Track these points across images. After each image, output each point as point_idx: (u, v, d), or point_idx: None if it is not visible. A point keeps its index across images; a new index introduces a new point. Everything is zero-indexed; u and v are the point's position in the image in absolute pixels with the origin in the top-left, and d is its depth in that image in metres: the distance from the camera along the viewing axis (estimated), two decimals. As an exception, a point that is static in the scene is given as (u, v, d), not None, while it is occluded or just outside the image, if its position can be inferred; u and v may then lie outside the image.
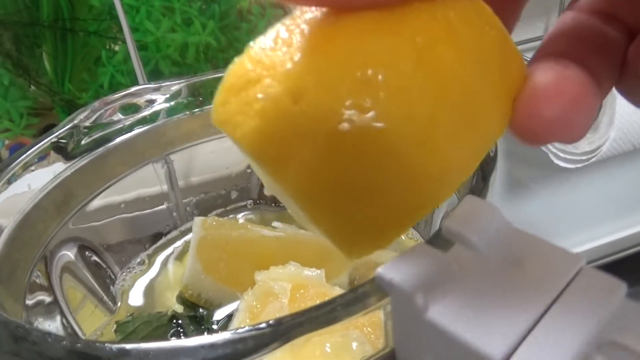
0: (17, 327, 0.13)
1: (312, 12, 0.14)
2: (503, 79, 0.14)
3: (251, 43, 0.14)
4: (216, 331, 0.25)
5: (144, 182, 0.31)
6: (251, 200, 0.34)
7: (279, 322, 0.13)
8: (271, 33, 0.14)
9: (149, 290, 0.28)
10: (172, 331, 0.26)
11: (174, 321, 0.26)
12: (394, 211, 0.13)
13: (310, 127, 0.12)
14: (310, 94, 0.12)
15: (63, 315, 0.24)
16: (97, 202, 0.27)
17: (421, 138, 0.12)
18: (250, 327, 0.13)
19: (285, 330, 0.13)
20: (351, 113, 0.12)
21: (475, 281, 0.13)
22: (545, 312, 0.12)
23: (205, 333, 0.25)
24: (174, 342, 0.12)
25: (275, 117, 0.12)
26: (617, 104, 0.46)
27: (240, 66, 0.14)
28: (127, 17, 0.42)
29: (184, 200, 0.32)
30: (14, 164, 0.23)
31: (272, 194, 0.16)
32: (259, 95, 0.13)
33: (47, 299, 0.23)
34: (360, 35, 0.12)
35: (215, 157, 0.32)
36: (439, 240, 0.14)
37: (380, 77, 0.12)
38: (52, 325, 0.23)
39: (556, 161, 0.50)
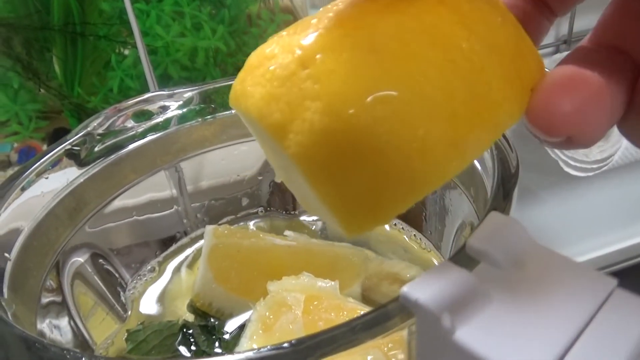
0: (36, 342, 0.13)
1: (332, 9, 0.14)
2: (518, 69, 0.14)
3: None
4: (228, 342, 0.25)
5: (155, 188, 0.30)
6: (262, 208, 0.33)
7: (301, 342, 0.13)
8: (291, 25, 0.14)
9: (160, 299, 0.28)
10: (182, 341, 0.25)
11: (185, 330, 0.26)
12: (394, 181, 0.13)
13: (316, 89, 0.12)
14: (318, 61, 0.13)
15: (74, 322, 0.24)
16: (109, 209, 0.27)
17: (428, 108, 0.12)
18: (272, 347, 0.12)
19: (307, 350, 0.13)
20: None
21: (504, 302, 0.12)
22: (579, 335, 0.11)
23: (217, 343, 0.25)
24: (195, 362, 0.12)
25: (283, 81, 0.13)
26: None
27: (259, 50, 0.14)
28: (137, 22, 0.42)
29: (193, 206, 0.32)
30: (27, 171, 0.22)
31: (282, 181, 0.16)
32: (271, 67, 0.13)
33: (59, 306, 0.23)
34: (370, 14, 0.13)
35: (226, 163, 0.32)
36: (463, 259, 0.14)
37: (386, 46, 0.12)
38: (63, 332, 0.23)
39: (567, 169, 0.50)
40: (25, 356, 0.13)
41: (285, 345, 0.12)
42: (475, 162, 0.22)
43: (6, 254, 0.19)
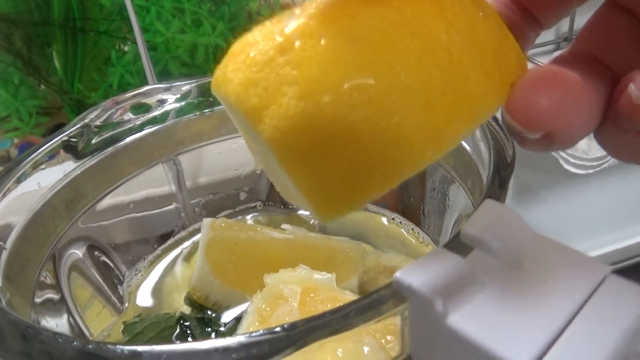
0: (28, 327, 0.13)
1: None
2: (498, 64, 0.14)
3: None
4: (224, 334, 0.25)
5: (153, 182, 0.30)
6: (260, 202, 0.33)
7: (294, 326, 0.13)
8: (277, 15, 0.15)
9: (157, 291, 0.28)
10: (179, 333, 0.25)
11: (182, 323, 0.26)
12: (369, 169, 0.13)
13: (294, 75, 0.12)
14: (297, 47, 0.13)
15: (70, 314, 0.24)
16: (106, 202, 0.27)
17: (404, 97, 0.12)
18: (264, 331, 0.12)
19: (300, 335, 0.13)
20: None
21: (497, 288, 0.12)
22: (571, 320, 0.11)
23: (213, 335, 0.25)
24: (187, 345, 0.12)
25: (262, 67, 0.13)
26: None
27: (242, 38, 0.15)
28: (137, 18, 0.42)
29: (192, 201, 0.32)
30: (24, 162, 0.22)
31: (264, 170, 0.16)
32: (251, 54, 0.13)
33: (55, 297, 0.23)
34: (352, 5, 0.13)
35: (224, 157, 0.32)
36: (457, 245, 0.14)
37: (365, 36, 0.13)
38: (60, 324, 0.23)
39: (566, 166, 0.50)
40: (18, 341, 0.13)
41: (278, 329, 0.12)
42: (472, 153, 0.21)
43: (1, 243, 0.19)
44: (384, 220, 0.31)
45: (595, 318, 0.12)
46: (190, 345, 0.12)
